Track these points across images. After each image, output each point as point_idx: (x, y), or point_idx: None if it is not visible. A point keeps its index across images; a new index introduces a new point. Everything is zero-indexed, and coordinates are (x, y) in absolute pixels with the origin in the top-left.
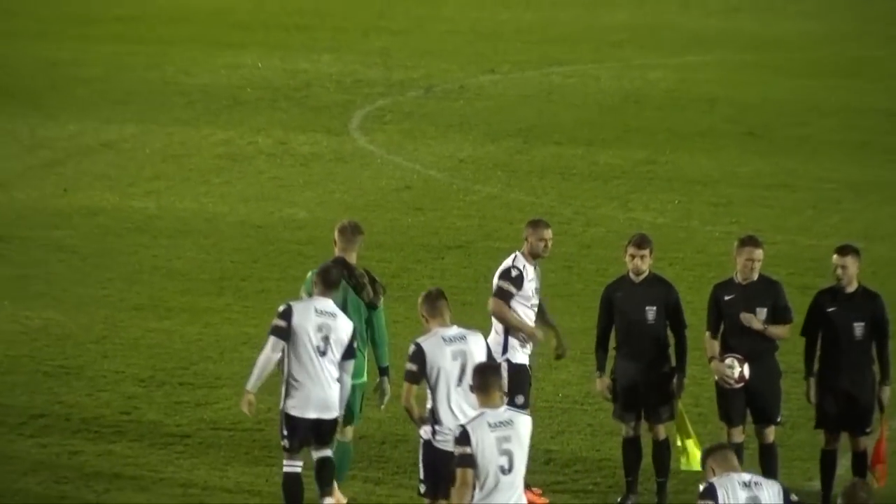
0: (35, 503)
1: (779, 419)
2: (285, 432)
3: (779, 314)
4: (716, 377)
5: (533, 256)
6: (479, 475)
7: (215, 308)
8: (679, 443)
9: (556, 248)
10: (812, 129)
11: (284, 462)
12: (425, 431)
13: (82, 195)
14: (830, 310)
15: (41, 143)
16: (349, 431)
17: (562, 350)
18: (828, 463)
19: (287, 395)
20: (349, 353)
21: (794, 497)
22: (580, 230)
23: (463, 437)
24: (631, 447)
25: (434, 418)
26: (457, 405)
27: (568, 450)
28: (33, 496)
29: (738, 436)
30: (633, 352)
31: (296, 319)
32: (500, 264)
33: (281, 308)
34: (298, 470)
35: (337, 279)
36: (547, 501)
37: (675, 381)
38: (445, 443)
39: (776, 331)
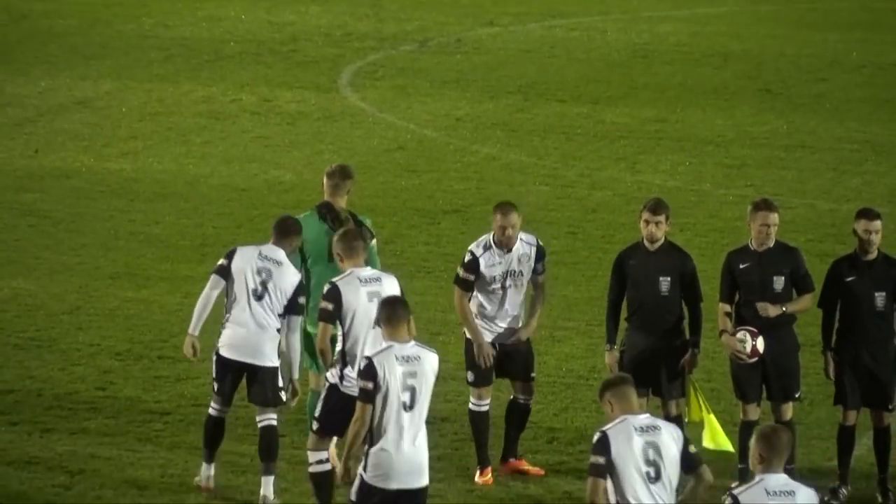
0: (4, 484)
1: (797, 395)
2: (214, 374)
3: (799, 283)
4: (728, 352)
5: (497, 244)
6: (381, 409)
7: (196, 276)
8: (687, 419)
9: (560, 212)
10: (832, 86)
11: (211, 404)
12: (332, 374)
13: (54, 156)
14: (849, 279)
15: (10, 100)
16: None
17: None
18: (846, 440)
19: (220, 334)
20: (293, 308)
21: (692, 448)
22: (585, 193)
23: (368, 370)
24: None
25: (343, 361)
26: (370, 349)
27: (572, 427)
28: (2, 477)
29: (754, 413)
30: (645, 324)
31: (237, 260)
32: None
33: (229, 249)
34: (222, 416)
35: (291, 229)
36: (541, 471)
37: (687, 355)
38: (352, 388)
39: (797, 306)
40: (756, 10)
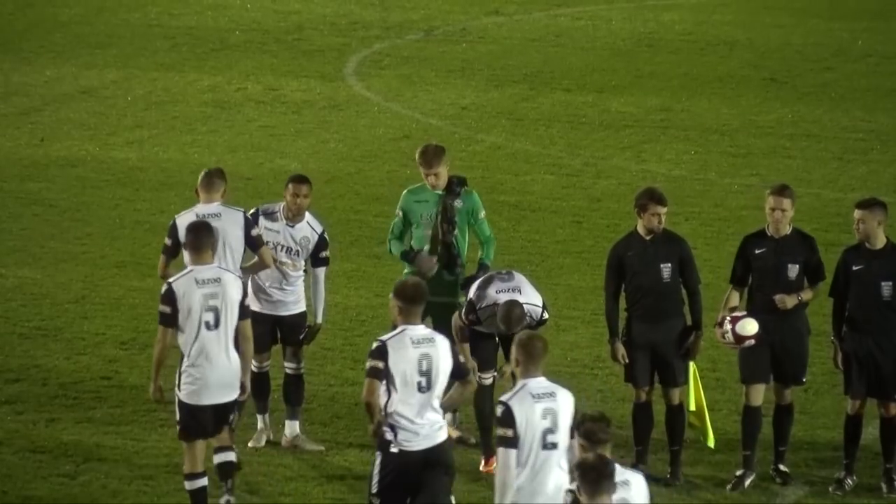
0: (10, 474)
1: (803, 379)
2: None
3: (811, 272)
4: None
5: None
6: (184, 329)
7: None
8: (692, 407)
9: (565, 201)
10: (837, 75)
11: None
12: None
13: (60, 145)
14: (857, 268)
15: (16, 89)
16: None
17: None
18: (851, 430)
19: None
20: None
21: (461, 357)
22: (590, 182)
23: (166, 295)
24: (643, 413)
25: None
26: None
27: (576, 417)
28: (8, 466)
29: (757, 396)
30: (648, 312)
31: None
32: (506, 219)
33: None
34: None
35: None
36: None
37: (690, 340)
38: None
39: (811, 295)
40: None
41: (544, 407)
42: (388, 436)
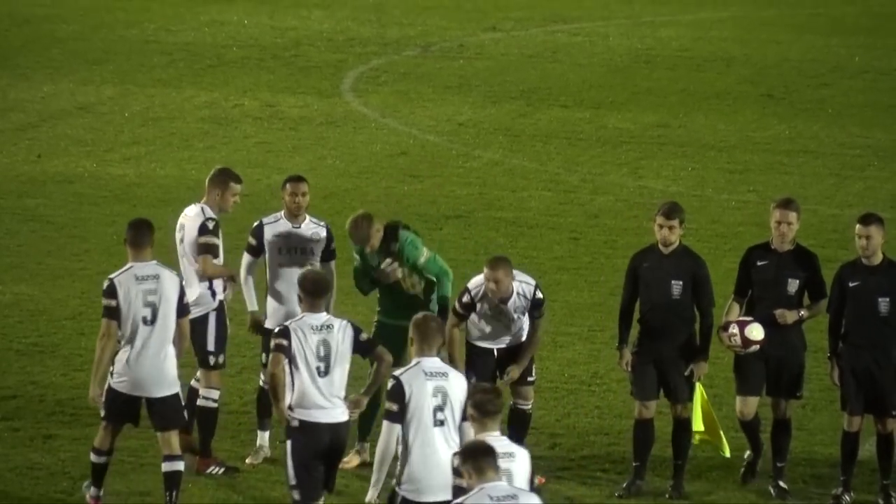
0: (6, 491)
1: (799, 394)
2: (263, 347)
3: (813, 288)
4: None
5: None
6: (122, 323)
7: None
8: (698, 427)
9: (562, 217)
10: (834, 91)
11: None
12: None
13: (57, 161)
14: (853, 284)
15: (13, 105)
16: None
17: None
18: (849, 446)
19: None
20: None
21: (363, 335)
22: (587, 198)
23: (109, 289)
24: (644, 429)
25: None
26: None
27: (574, 433)
28: (5, 482)
29: (751, 408)
30: (656, 326)
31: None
32: (503, 235)
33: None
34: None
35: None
36: (542, 479)
37: (696, 363)
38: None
39: (812, 312)
40: (759, 15)
41: (435, 385)
42: (294, 423)
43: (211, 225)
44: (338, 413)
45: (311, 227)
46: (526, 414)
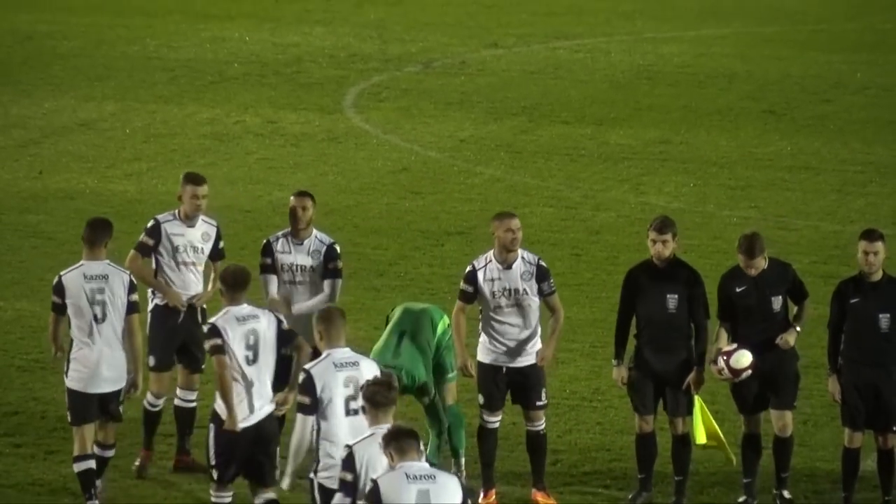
0: None
1: (794, 404)
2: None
3: (795, 293)
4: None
5: (503, 254)
6: (73, 320)
7: None
8: (699, 441)
9: (563, 234)
10: (836, 108)
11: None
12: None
13: (58, 177)
14: (854, 300)
15: (15, 121)
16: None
17: (539, 358)
18: (850, 463)
19: None
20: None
21: (284, 325)
22: (589, 215)
23: (57, 286)
24: (646, 442)
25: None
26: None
27: (576, 449)
28: (6, 498)
29: (755, 426)
30: (653, 340)
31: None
32: None
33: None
34: None
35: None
36: (554, 503)
37: (692, 374)
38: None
39: (803, 318)
40: (761, 31)
41: (347, 375)
42: (220, 410)
43: (149, 224)
44: (267, 402)
45: (314, 244)
46: (540, 436)
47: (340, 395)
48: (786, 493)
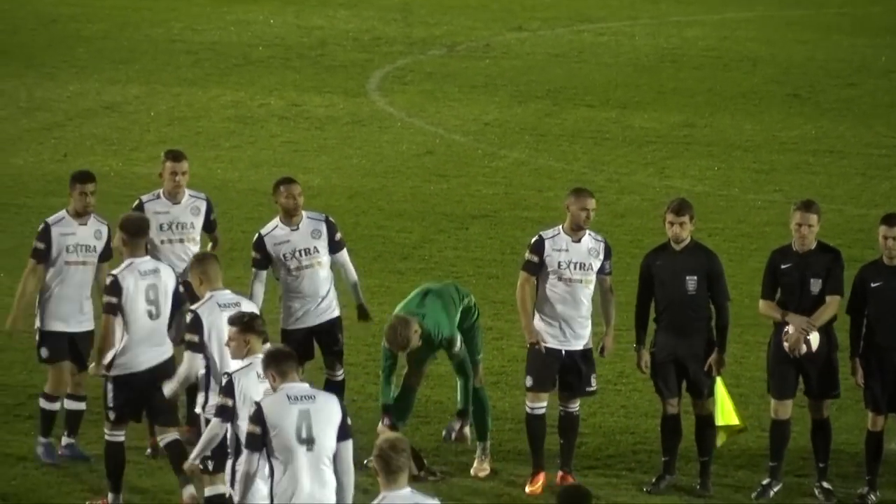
0: (33, 489)
1: (836, 392)
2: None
3: (826, 284)
4: (785, 339)
5: (573, 229)
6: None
7: (226, 280)
8: (719, 422)
9: None
10: (861, 91)
11: None
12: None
13: (83, 160)
14: (875, 284)
15: (39, 104)
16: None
17: (601, 349)
18: (873, 446)
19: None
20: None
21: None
22: (613, 198)
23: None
24: (670, 425)
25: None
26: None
27: (601, 432)
28: (32, 481)
29: (785, 411)
30: (674, 324)
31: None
32: (529, 234)
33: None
34: None
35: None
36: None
37: (713, 356)
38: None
39: (824, 317)
40: (785, 14)
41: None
42: (119, 360)
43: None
44: (164, 351)
45: (311, 224)
46: (576, 416)
47: (226, 334)
48: (825, 484)
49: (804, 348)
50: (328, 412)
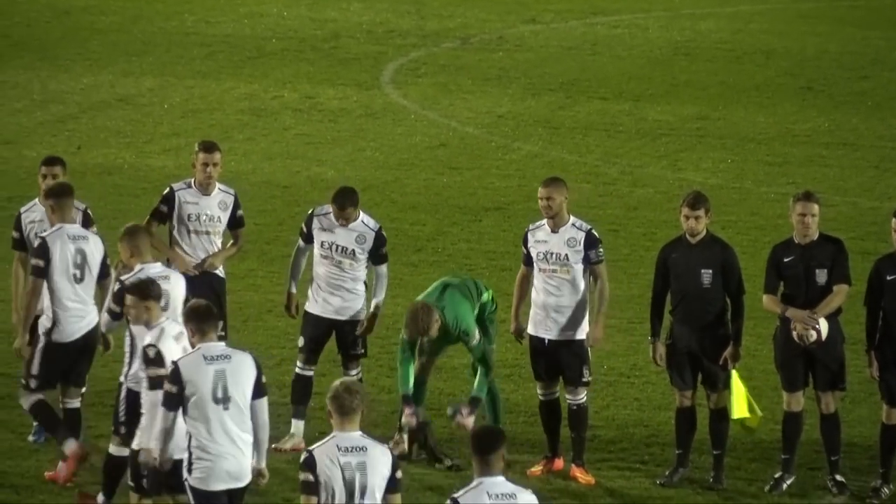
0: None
1: (842, 385)
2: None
3: (833, 273)
4: (794, 331)
5: (548, 220)
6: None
7: (237, 274)
8: (735, 416)
9: (601, 210)
10: (874, 84)
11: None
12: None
13: (97, 153)
14: (890, 277)
15: (53, 97)
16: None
17: (590, 340)
18: (888, 438)
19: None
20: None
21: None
22: (626, 191)
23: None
24: (685, 417)
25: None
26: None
27: (614, 425)
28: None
29: (797, 403)
30: (689, 316)
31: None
32: None
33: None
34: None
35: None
36: (592, 480)
37: (729, 349)
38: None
39: (835, 304)
40: (798, 7)
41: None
42: (47, 324)
43: (164, 191)
44: (91, 318)
45: (359, 227)
46: (582, 409)
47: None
48: (838, 477)
49: (813, 335)
50: (244, 371)
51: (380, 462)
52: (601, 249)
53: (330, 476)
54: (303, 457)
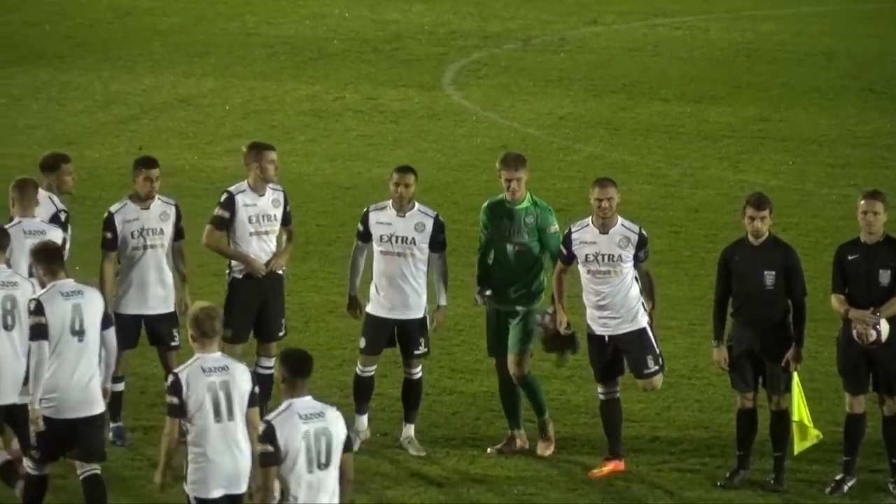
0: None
1: None
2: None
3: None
4: (854, 329)
5: (598, 220)
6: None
7: (300, 274)
8: (795, 418)
9: (662, 211)
10: None
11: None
12: None
13: (158, 153)
14: None
15: (115, 97)
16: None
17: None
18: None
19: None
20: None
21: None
22: (688, 193)
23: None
24: (746, 419)
25: None
26: None
27: (675, 426)
28: (105, 473)
29: (860, 405)
30: (751, 318)
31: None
32: None
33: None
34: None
35: None
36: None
37: (791, 351)
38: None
39: (892, 309)
40: (859, 8)
41: (32, 241)
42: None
43: (223, 198)
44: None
45: (417, 216)
46: (606, 401)
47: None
48: None
49: (873, 335)
50: (94, 304)
51: (241, 379)
52: (649, 248)
53: (196, 396)
54: (169, 380)
